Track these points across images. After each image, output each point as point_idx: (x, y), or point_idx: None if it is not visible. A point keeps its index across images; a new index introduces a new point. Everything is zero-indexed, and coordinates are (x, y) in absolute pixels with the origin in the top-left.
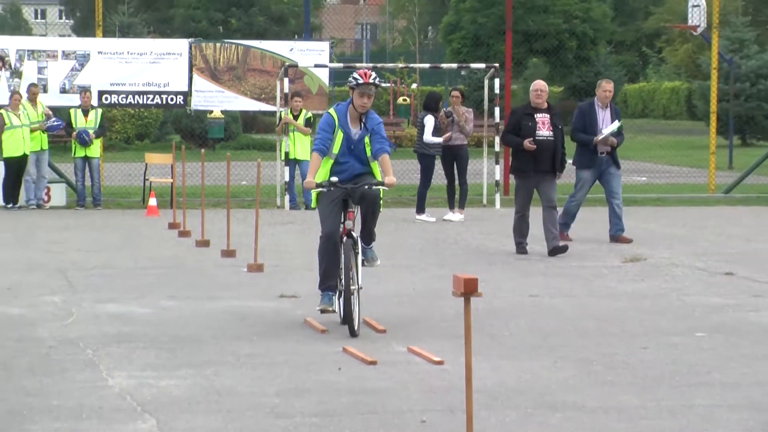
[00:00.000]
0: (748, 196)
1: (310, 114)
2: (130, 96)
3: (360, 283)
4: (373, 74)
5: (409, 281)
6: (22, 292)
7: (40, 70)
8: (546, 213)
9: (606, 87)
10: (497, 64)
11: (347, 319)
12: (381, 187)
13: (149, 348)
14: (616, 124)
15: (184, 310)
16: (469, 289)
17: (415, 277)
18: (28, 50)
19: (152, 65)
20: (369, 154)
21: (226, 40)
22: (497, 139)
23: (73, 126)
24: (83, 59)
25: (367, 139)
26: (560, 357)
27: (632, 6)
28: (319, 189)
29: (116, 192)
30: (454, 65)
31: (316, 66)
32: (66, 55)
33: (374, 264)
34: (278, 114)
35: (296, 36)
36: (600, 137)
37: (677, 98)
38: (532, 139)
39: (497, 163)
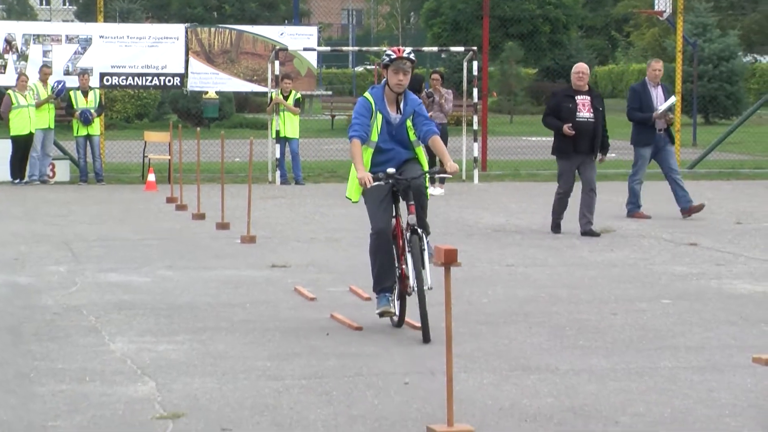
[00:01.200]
0: (711, 171)
1: (299, 95)
2: (130, 78)
3: (430, 282)
4: (408, 49)
5: None
6: (29, 262)
7: (45, 53)
8: (584, 196)
9: (655, 66)
10: (475, 48)
11: (423, 322)
12: (443, 175)
13: (148, 315)
14: (672, 99)
15: (181, 279)
16: (449, 259)
17: None
18: (34, 35)
19: (150, 49)
20: (413, 138)
21: (220, 25)
22: (475, 118)
23: (74, 107)
24: (85, 43)
25: (408, 123)
26: (535, 323)
27: None
28: (377, 184)
29: (117, 168)
30: (435, 48)
31: (305, 49)
32: (69, 39)
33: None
34: (269, 95)
35: (286, 21)
36: (658, 112)
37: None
38: (571, 124)
39: (476, 140)
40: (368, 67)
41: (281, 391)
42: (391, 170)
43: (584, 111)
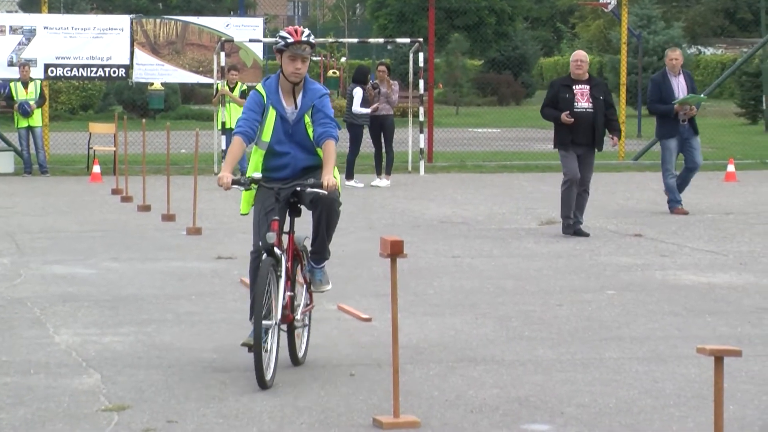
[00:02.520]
0: (655, 162)
1: (245, 86)
2: (75, 69)
3: (299, 315)
4: (306, 30)
5: (339, 243)
6: None
7: None
8: (577, 197)
9: (672, 55)
10: (421, 39)
11: (258, 360)
12: (315, 190)
13: (93, 307)
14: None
15: (126, 271)
16: (395, 250)
17: (344, 239)
18: None
19: (95, 40)
20: (312, 138)
21: (165, 16)
22: (421, 110)
23: (14, 98)
24: (30, 34)
25: (307, 118)
26: (480, 314)
27: None
28: (236, 187)
29: (62, 160)
30: (381, 40)
31: (251, 41)
32: (13, 30)
33: (322, 289)
34: (215, 86)
35: (232, 12)
36: (678, 102)
37: (589, 71)
38: (568, 112)
39: (421, 132)
40: (314, 58)
41: (227, 383)
42: (257, 175)
43: (583, 101)
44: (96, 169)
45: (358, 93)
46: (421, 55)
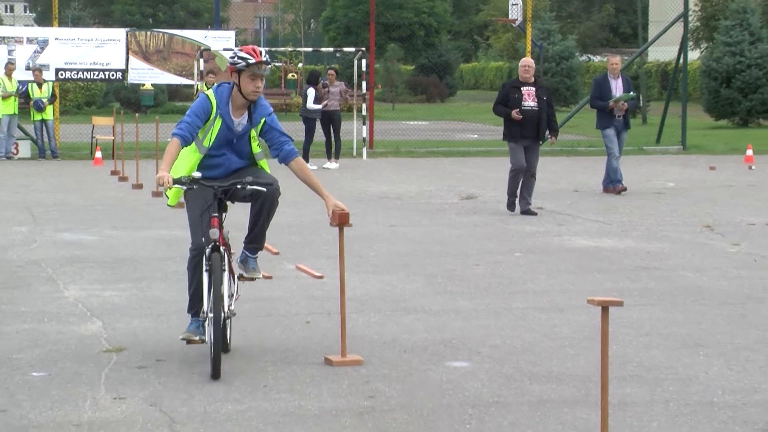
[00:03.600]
0: (554, 149)
1: None
2: (80, 72)
3: (233, 306)
4: (263, 50)
5: (297, 215)
6: None
7: (9, 52)
8: (525, 180)
9: (612, 60)
10: (364, 48)
11: (214, 352)
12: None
13: (96, 267)
14: (632, 95)
15: (123, 238)
16: (342, 221)
17: (301, 211)
18: (0, 36)
19: (97, 48)
20: (254, 150)
21: (155, 30)
22: (364, 106)
23: (30, 96)
24: (43, 44)
25: (254, 133)
26: (412, 272)
27: (466, 3)
28: (178, 186)
29: (70, 147)
30: (331, 49)
31: (225, 50)
32: (30, 41)
33: (255, 276)
34: (195, 86)
35: (209, 26)
36: (612, 101)
37: (501, 74)
38: (518, 109)
39: (364, 124)
40: (276, 64)
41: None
42: (197, 174)
43: (529, 100)
44: (98, 154)
45: (311, 92)
46: (363, 62)
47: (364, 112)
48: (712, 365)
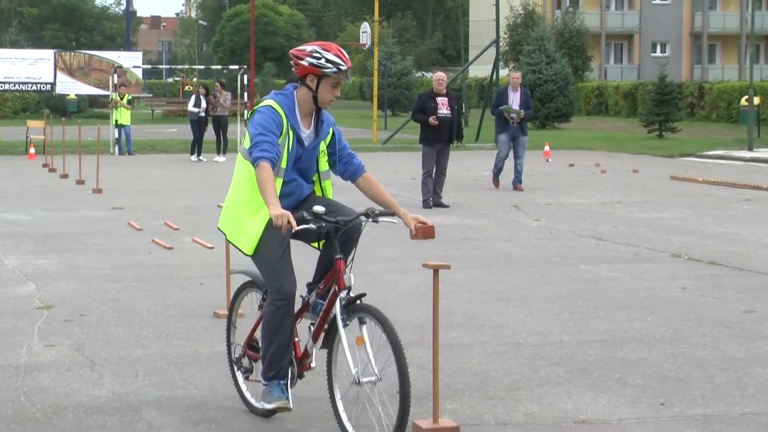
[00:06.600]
0: (396, 145)
1: (130, 96)
2: (17, 84)
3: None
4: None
5: (191, 199)
6: None
7: None
8: (437, 177)
9: (514, 75)
10: (245, 66)
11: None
12: (388, 220)
13: (30, 240)
14: (522, 112)
15: (52, 218)
16: (428, 234)
17: (195, 197)
18: None
19: (31, 66)
20: (322, 168)
21: (77, 51)
22: (246, 112)
23: None
24: None
25: (323, 146)
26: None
27: (327, 31)
28: (303, 227)
29: (8, 144)
30: (219, 66)
31: (134, 67)
32: None
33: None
34: (110, 96)
35: (122, 48)
36: (504, 107)
37: (354, 87)
38: (435, 116)
39: (245, 126)
40: (176, 78)
41: (120, 290)
42: (319, 209)
43: (443, 109)
44: (32, 150)
45: (192, 99)
46: (245, 77)
47: (246, 117)
48: (518, 314)
